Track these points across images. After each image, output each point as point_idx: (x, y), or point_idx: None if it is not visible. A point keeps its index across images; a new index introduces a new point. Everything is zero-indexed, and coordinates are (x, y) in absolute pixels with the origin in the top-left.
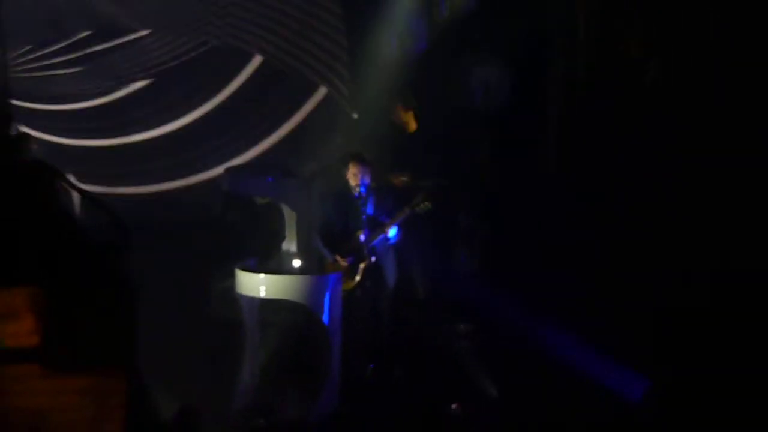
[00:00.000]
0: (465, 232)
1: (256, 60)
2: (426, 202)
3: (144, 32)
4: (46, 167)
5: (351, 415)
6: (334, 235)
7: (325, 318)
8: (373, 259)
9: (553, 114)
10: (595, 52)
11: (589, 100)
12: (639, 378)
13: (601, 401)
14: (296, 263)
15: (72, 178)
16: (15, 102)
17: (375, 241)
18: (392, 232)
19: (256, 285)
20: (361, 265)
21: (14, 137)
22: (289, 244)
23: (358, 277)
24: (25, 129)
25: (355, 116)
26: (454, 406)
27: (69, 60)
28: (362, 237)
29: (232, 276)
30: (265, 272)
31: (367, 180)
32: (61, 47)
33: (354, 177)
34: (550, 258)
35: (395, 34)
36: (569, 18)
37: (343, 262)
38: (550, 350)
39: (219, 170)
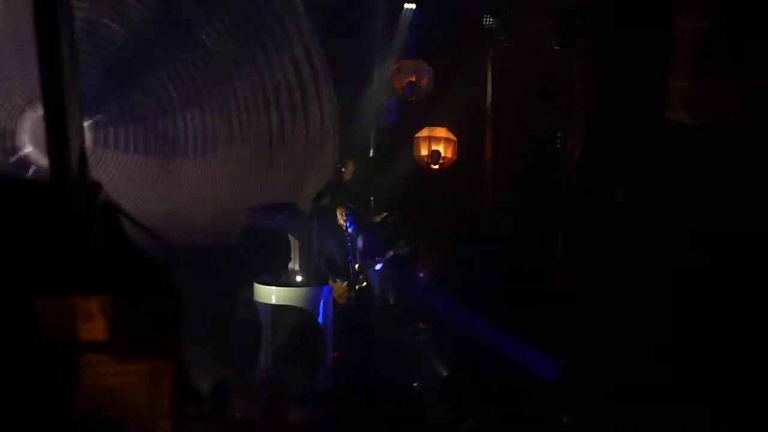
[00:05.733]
0: (423, 255)
1: None
2: (406, 247)
3: None
4: (112, 205)
5: (340, 390)
6: (335, 264)
7: (320, 318)
8: (365, 283)
9: (489, 169)
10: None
11: (515, 158)
12: (553, 360)
13: (523, 378)
14: (298, 278)
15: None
16: None
17: (366, 271)
18: (378, 266)
19: (269, 294)
20: (356, 287)
21: (90, 187)
22: (294, 264)
23: (353, 294)
24: None
25: (343, 170)
26: (416, 383)
27: None
28: (356, 266)
29: (251, 287)
30: (276, 285)
31: (351, 221)
32: None
33: (341, 219)
34: (483, 273)
35: (373, 110)
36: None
37: (341, 284)
38: (484, 339)
39: None
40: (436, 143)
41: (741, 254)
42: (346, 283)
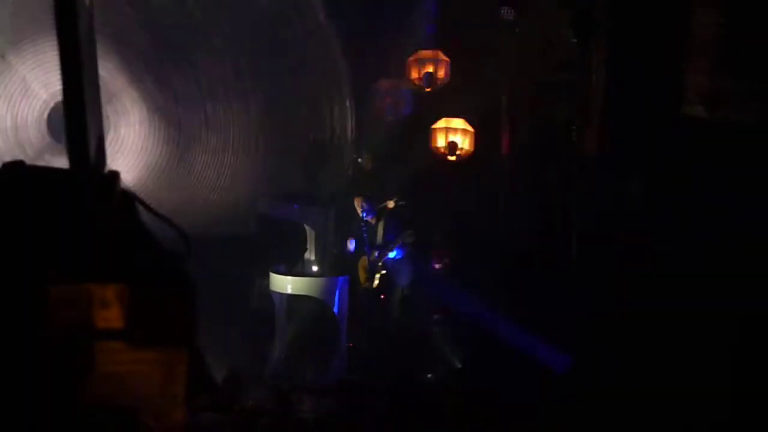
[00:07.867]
0: (437, 246)
1: None
2: (412, 236)
3: None
4: (129, 194)
5: (354, 381)
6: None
7: (335, 308)
8: (384, 272)
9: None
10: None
11: (530, 150)
12: (564, 354)
13: (534, 371)
14: (314, 268)
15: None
16: None
17: (383, 259)
18: (392, 254)
19: (284, 284)
20: (376, 274)
21: (108, 175)
22: (310, 254)
23: (376, 281)
24: None
25: (360, 160)
26: (429, 375)
27: None
28: (376, 255)
29: (267, 277)
30: (291, 274)
31: (368, 209)
32: None
33: (359, 207)
34: (498, 264)
35: (390, 101)
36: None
37: (364, 271)
38: (498, 332)
39: None
40: (453, 134)
41: (758, 250)
42: (369, 269)
